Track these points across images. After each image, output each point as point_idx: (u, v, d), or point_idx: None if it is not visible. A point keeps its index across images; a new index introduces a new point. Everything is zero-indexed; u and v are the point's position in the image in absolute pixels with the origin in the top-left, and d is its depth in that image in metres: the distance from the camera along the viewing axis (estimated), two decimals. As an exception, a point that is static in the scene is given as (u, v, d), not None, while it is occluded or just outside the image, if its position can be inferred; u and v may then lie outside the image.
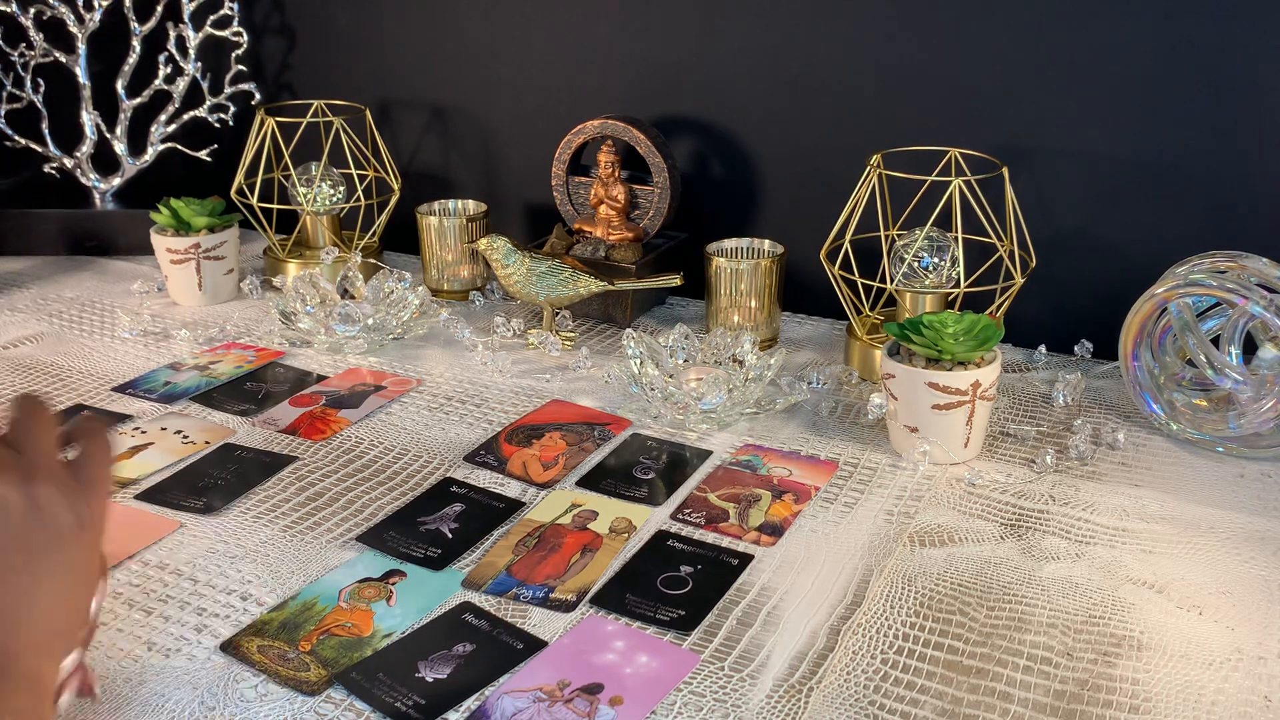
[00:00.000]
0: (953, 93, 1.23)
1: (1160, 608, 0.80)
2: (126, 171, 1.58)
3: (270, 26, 1.63)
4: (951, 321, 0.98)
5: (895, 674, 0.74)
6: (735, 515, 0.92)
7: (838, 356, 1.23)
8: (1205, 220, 1.16)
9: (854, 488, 0.97)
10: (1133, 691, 0.72)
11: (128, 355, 1.24)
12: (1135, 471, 0.99)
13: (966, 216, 1.12)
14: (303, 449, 1.03)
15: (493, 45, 1.48)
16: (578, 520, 0.92)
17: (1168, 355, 1.05)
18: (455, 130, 1.55)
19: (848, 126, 1.30)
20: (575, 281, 1.23)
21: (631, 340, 1.08)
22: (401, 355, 1.24)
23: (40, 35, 1.53)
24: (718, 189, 1.39)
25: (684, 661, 0.75)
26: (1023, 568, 0.85)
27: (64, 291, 1.44)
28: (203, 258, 1.36)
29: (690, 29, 1.35)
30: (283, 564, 0.86)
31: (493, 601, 0.82)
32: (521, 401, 1.13)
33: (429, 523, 0.91)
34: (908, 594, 0.82)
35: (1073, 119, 1.19)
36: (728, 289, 1.22)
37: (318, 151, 1.45)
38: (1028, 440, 1.04)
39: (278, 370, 1.21)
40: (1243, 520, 0.91)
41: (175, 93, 1.56)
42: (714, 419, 1.07)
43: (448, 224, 1.38)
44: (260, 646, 0.76)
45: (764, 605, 0.81)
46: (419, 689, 0.72)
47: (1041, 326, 1.24)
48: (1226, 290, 0.98)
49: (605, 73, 1.42)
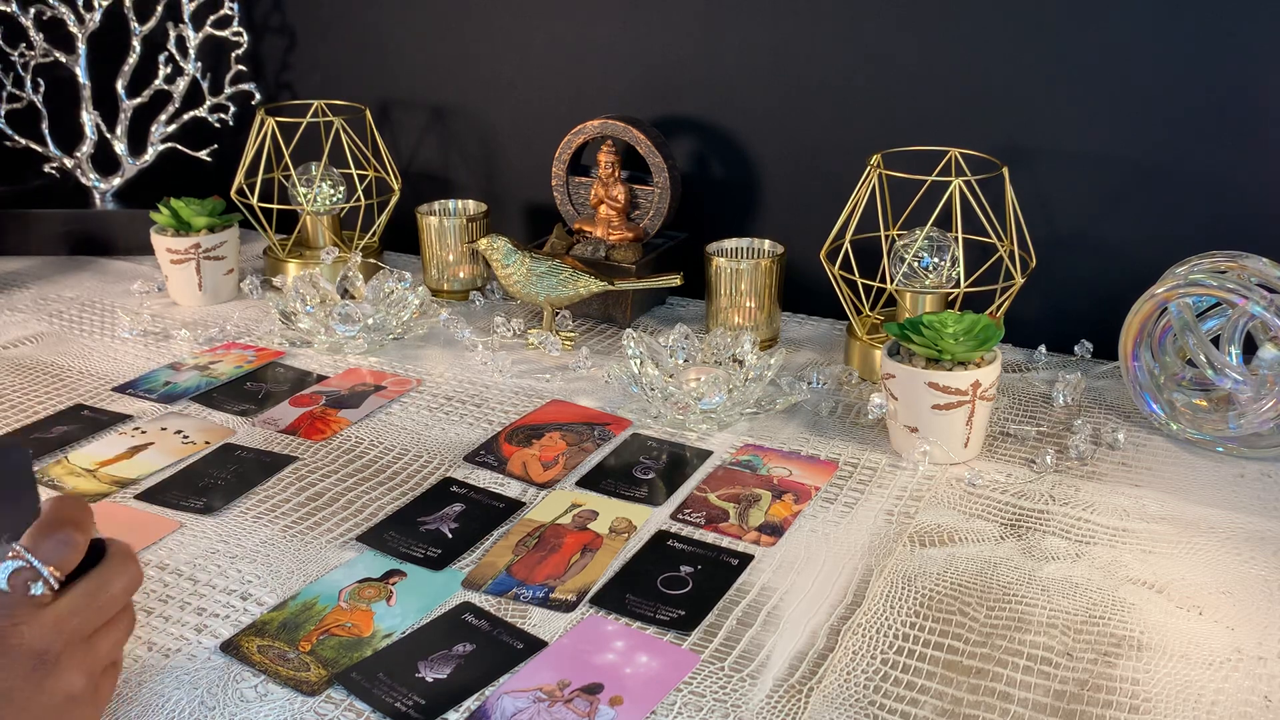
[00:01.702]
0: (953, 93, 1.23)
1: (1160, 608, 0.80)
2: (126, 171, 1.58)
3: (270, 26, 1.63)
4: (951, 321, 0.98)
5: (895, 674, 0.74)
6: (735, 515, 0.92)
7: (838, 356, 1.23)
8: (1205, 220, 1.16)
9: (854, 488, 0.97)
10: (1133, 691, 0.72)
11: (128, 355, 1.24)
12: (1135, 471, 0.99)
13: (966, 216, 1.12)
14: (303, 449, 1.03)
15: (493, 45, 1.48)
16: (578, 520, 0.92)
17: (1168, 355, 1.05)
18: (455, 130, 1.55)
19: (848, 126, 1.30)
20: (575, 281, 1.23)
21: (631, 340, 1.08)
22: (401, 355, 1.24)
23: (40, 35, 1.53)
24: (718, 189, 1.39)
25: (684, 661, 0.75)
26: (1023, 568, 0.85)
27: (64, 291, 1.44)
28: (203, 258, 1.36)
29: (690, 29, 1.35)
30: (283, 564, 0.86)
31: (493, 601, 0.82)
32: (521, 401, 1.13)
33: (429, 523, 0.91)
34: (908, 594, 0.82)
35: (1073, 119, 1.19)
36: (728, 289, 1.22)
37: (318, 151, 1.45)
38: (1028, 440, 1.04)
39: (278, 370, 1.21)
40: (1243, 520, 0.91)
41: (175, 93, 1.56)
42: (714, 419, 1.07)
43: (448, 224, 1.38)
44: (260, 646, 0.76)
45: (764, 605, 0.81)
46: (419, 689, 0.72)
47: (1041, 326, 1.24)
48: (1226, 290, 0.98)
49: (605, 73, 1.42)
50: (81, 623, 0.55)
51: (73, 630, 0.54)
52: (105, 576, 0.57)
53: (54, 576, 0.54)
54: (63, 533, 0.55)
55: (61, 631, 0.54)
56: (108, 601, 0.56)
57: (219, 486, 0.97)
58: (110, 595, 0.56)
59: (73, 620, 0.54)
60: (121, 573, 0.57)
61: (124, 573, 0.57)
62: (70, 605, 0.54)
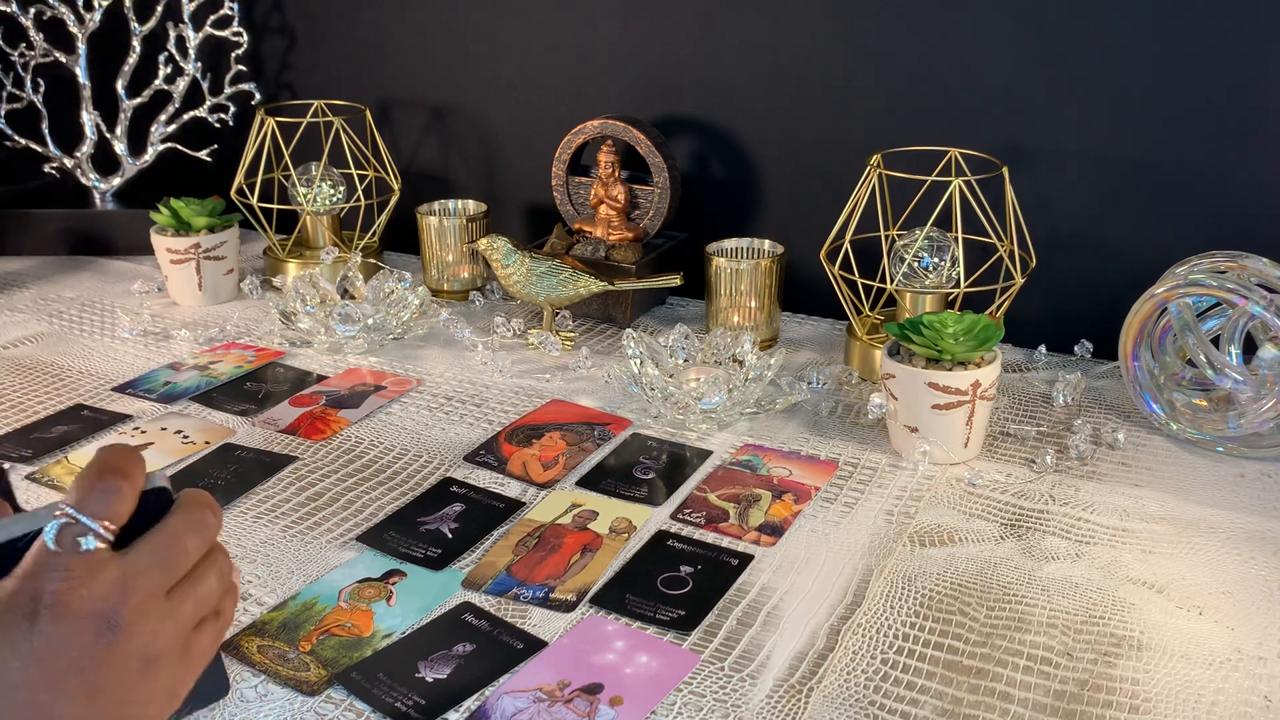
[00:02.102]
0: (953, 93, 1.23)
1: (1160, 608, 0.80)
2: (126, 171, 1.58)
3: (270, 26, 1.63)
4: (951, 321, 0.98)
5: (895, 674, 0.74)
6: (735, 515, 0.92)
7: (838, 356, 1.23)
8: (1205, 220, 1.16)
9: (854, 488, 0.97)
10: (1133, 691, 0.72)
11: (128, 355, 1.24)
12: (1135, 471, 0.99)
13: (966, 216, 1.12)
14: (303, 449, 1.03)
15: (493, 45, 1.48)
16: (578, 520, 0.92)
17: (1168, 355, 1.05)
18: (455, 130, 1.55)
19: (848, 126, 1.30)
20: (575, 281, 1.23)
21: (631, 340, 1.08)
22: (401, 355, 1.24)
23: (40, 35, 1.53)
24: (718, 189, 1.39)
25: (684, 661, 0.75)
26: (1023, 568, 0.85)
27: (64, 291, 1.44)
28: (203, 258, 1.36)
29: (690, 29, 1.35)
30: (283, 564, 0.86)
31: (493, 601, 0.82)
32: (521, 401, 1.13)
33: (429, 523, 0.91)
34: (908, 594, 0.82)
35: (1073, 119, 1.19)
36: (728, 289, 1.22)
37: (318, 151, 1.45)
38: (1028, 440, 1.04)
39: (278, 370, 1.21)
40: (1243, 520, 0.91)
41: (175, 93, 1.56)
42: (714, 419, 1.07)
43: (448, 224, 1.38)
44: (260, 646, 0.76)
45: (764, 605, 0.81)
46: (419, 689, 0.72)
47: (1041, 326, 1.24)
48: (1226, 290, 0.98)
49: (605, 73, 1.42)
50: (152, 580, 0.50)
51: (143, 588, 0.49)
52: (173, 527, 0.51)
53: (105, 529, 0.49)
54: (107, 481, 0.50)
55: (128, 590, 0.49)
56: (179, 554, 0.51)
57: (219, 486, 0.97)
58: (182, 547, 0.51)
59: (140, 578, 0.49)
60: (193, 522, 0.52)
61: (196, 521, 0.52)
62: (135, 561, 0.49)
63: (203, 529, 0.52)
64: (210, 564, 0.53)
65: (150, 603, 0.50)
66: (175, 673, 0.51)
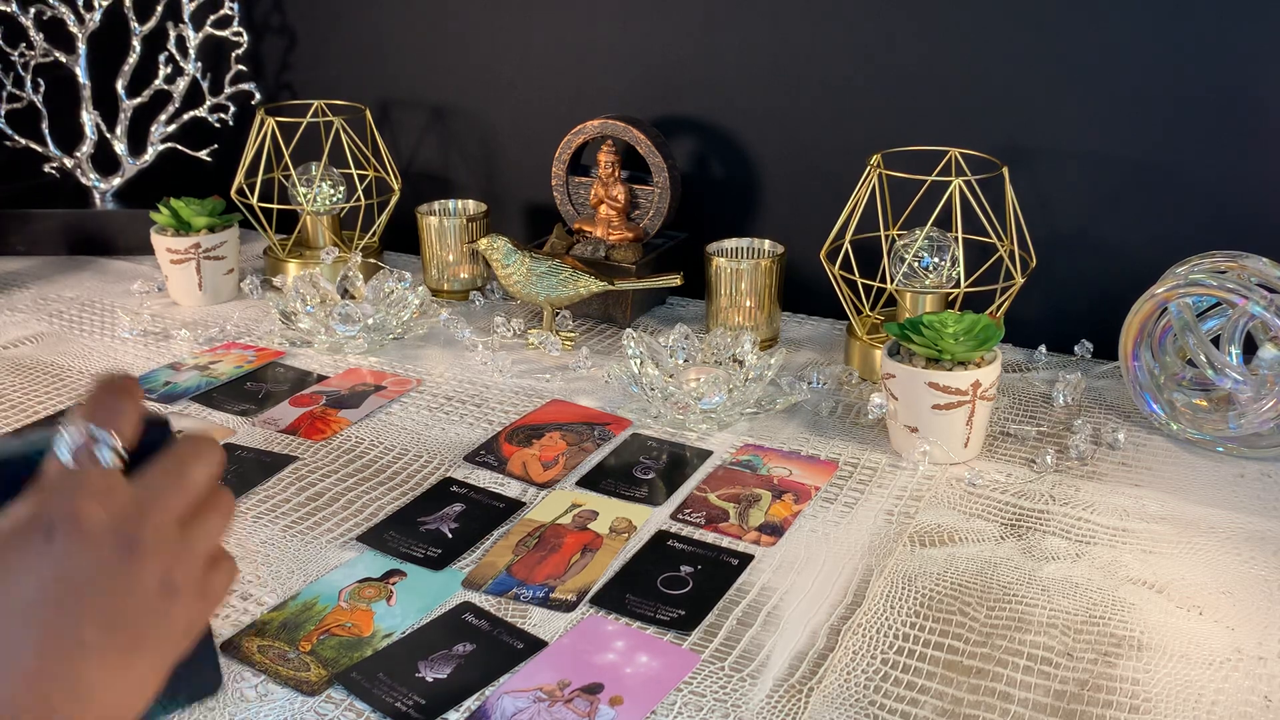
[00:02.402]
0: (953, 93, 1.23)
1: (1160, 608, 0.80)
2: (126, 171, 1.58)
3: (270, 26, 1.63)
4: (951, 321, 0.98)
5: (895, 674, 0.74)
6: (735, 515, 0.92)
7: (838, 356, 1.23)
8: (1205, 220, 1.16)
9: (854, 488, 0.97)
10: (1133, 691, 0.72)
11: (128, 355, 1.24)
12: (1135, 471, 0.99)
13: (966, 216, 1.12)
14: (303, 449, 1.03)
15: (493, 45, 1.48)
16: (578, 520, 0.92)
17: (1168, 355, 1.05)
18: (455, 130, 1.55)
19: (848, 126, 1.30)
20: (575, 281, 1.23)
21: (631, 340, 1.08)
22: (401, 355, 1.24)
23: (40, 35, 1.53)
24: (718, 189, 1.39)
25: (684, 661, 0.75)
26: (1023, 568, 0.85)
27: (64, 291, 1.44)
28: (203, 258, 1.36)
29: (690, 29, 1.35)
30: (283, 564, 0.86)
31: (493, 601, 0.82)
32: (521, 401, 1.13)
33: (429, 523, 0.91)
34: (908, 594, 0.82)
35: (1073, 119, 1.19)
36: (728, 289, 1.22)
37: (318, 151, 1.45)
38: (1028, 440, 1.04)
39: (278, 370, 1.21)
40: (1243, 520, 0.91)
41: (175, 93, 1.56)
42: (714, 419, 1.07)
43: (448, 224, 1.38)
44: (260, 646, 0.76)
45: (764, 605, 0.81)
46: (419, 689, 0.72)
47: (1041, 326, 1.24)
48: (1226, 290, 0.98)
49: (605, 73, 1.42)
50: (167, 504, 0.48)
51: (157, 514, 0.47)
52: (181, 455, 0.49)
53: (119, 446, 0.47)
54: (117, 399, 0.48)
55: (144, 512, 0.47)
56: (189, 483, 0.49)
57: (219, 486, 0.96)
58: (191, 477, 0.49)
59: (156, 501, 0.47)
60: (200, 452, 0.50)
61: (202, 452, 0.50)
62: (148, 483, 0.47)
63: (210, 461, 0.50)
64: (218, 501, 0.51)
65: (167, 528, 0.47)
66: (192, 612, 0.48)
